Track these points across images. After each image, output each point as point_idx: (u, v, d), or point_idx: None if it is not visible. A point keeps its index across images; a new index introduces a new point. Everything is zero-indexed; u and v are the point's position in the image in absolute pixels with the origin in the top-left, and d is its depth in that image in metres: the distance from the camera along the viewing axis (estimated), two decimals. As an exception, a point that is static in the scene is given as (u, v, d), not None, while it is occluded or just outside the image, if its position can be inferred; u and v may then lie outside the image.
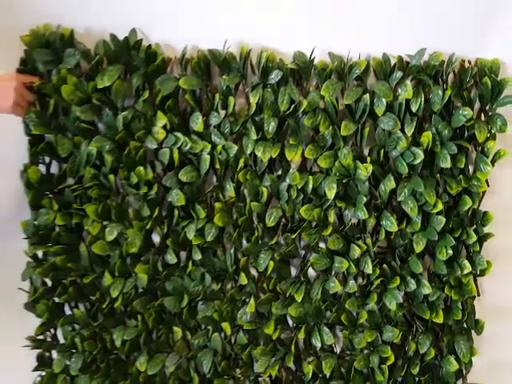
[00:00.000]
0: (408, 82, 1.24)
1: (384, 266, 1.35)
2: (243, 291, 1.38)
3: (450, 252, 1.33)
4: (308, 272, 1.39)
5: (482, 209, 1.36)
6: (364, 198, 1.29)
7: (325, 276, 1.38)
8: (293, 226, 1.34)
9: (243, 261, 1.35)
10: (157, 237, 1.36)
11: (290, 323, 1.43)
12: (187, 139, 1.28)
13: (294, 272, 1.41)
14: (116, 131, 1.27)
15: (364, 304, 1.39)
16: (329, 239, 1.33)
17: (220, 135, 1.29)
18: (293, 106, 1.25)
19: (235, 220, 1.34)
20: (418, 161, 1.27)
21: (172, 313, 1.38)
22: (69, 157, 1.29)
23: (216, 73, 1.30)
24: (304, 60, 1.26)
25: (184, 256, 1.37)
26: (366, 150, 1.32)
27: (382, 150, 1.29)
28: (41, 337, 1.39)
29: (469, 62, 1.30)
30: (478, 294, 1.43)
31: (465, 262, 1.35)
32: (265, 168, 1.31)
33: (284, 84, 1.26)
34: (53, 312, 1.36)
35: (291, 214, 1.32)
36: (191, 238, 1.32)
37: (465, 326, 1.43)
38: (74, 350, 1.39)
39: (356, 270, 1.33)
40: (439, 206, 1.30)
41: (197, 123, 1.28)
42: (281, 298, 1.38)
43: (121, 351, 1.39)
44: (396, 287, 1.35)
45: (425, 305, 1.39)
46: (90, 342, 1.37)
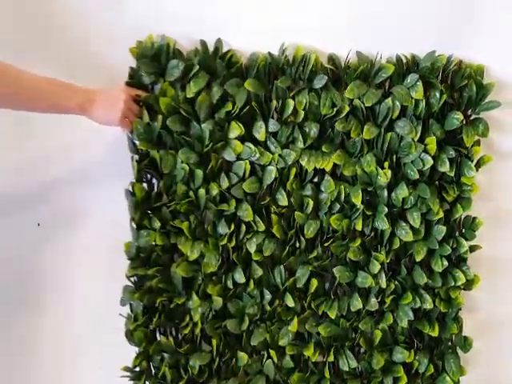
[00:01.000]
0: (420, 85, 1.23)
1: (395, 280, 1.33)
2: (290, 311, 1.31)
3: (446, 263, 1.32)
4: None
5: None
6: (385, 208, 1.26)
7: (349, 292, 1.33)
8: (328, 237, 1.28)
9: (291, 281, 1.29)
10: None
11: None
12: (256, 150, 1.25)
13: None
14: (202, 144, 1.23)
15: (377, 323, 1.33)
16: (350, 249, 1.29)
17: (276, 143, 1.25)
18: (335, 109, 1.24)
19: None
20: (426, 167, 1.26)
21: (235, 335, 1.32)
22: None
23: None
24: (339, 62, 1.25)
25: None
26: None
27: (395, 156, 1.28)
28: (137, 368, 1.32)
29: (460, 62, 1.29)
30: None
31: (458, 274, 1.34)
32: (311, 178, 1.29)
33: (325, 88, 1.25)
34: (149, 340, 1.31)
35: (327, 224, 1.28)
36: (252, 252, 1.27)
37: (449, 344, 1.41)
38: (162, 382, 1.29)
39: (376, 285, 1.27)
40: (440, 213, 1.30)
41: (259, 132, 1.25)
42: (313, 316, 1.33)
43: (197, 378, 1.29)
44: (407, 303, 1.32)
45: (426, 319, 1.38)
46: (173, 371, 1.28)
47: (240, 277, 1.28)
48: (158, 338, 1.32)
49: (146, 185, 1.29)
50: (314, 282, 1.29)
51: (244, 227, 1.27)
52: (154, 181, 1.31)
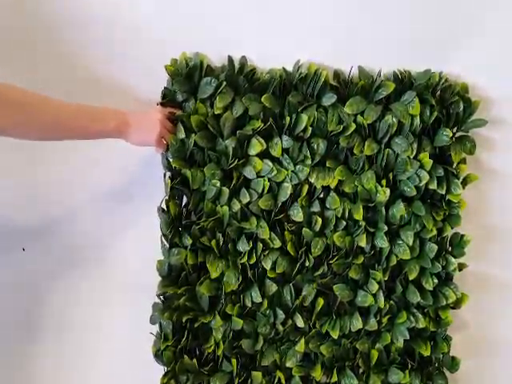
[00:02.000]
0: (417, 101, 1.23)
1: (390, 300, 1.32)
2: (297, 331, 1.28)
3: (436, 281, 1.31)
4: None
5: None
6: (385, 226, 1.25)
7: (350, 311, 1.31)
8: (334, 255, 1.26)
9: (299, 300, 1.27)
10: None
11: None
12: (274, 167, 1.24)
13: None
14: (227, 160, 1.23)
15: (373, 342, 1.30)
16: (352, 266, 1.28)
17: (289, 159, 1.24)
18: (341, 126, 1.24)
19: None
20: (423, 182, 1.25)
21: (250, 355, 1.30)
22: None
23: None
24: (344, 78, 1.26)
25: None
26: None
27: (391, 173, 1.27)
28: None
29: (446, 79, 1.29)
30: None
31: (448, 292, 1.33)
32: (318, 194, 1.28)
33: (333, 104, 1.25)
34: (176, 359, 1.28)
35: (332, 242, 1.27)
36: (268, 269, 1.26)
37: (436, 364, 1.39)
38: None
39: (376, 304, 1.26)
40: (434, 231, 1.29)
41: (275, 149, 1.24)
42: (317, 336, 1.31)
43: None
44: (402, 323, 1.30)
45: (420, 338, 1.36)
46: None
47: (256, 296, 1.27)
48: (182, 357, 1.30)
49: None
50: (321, 301, 1.27)
51: (261, 245, 1.26)
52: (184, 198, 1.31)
